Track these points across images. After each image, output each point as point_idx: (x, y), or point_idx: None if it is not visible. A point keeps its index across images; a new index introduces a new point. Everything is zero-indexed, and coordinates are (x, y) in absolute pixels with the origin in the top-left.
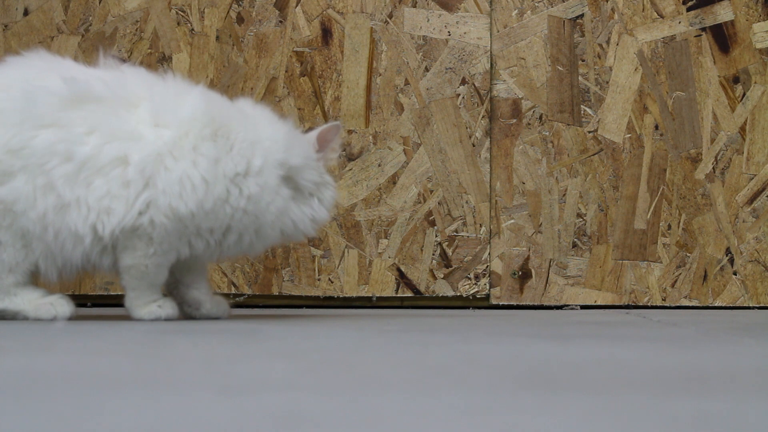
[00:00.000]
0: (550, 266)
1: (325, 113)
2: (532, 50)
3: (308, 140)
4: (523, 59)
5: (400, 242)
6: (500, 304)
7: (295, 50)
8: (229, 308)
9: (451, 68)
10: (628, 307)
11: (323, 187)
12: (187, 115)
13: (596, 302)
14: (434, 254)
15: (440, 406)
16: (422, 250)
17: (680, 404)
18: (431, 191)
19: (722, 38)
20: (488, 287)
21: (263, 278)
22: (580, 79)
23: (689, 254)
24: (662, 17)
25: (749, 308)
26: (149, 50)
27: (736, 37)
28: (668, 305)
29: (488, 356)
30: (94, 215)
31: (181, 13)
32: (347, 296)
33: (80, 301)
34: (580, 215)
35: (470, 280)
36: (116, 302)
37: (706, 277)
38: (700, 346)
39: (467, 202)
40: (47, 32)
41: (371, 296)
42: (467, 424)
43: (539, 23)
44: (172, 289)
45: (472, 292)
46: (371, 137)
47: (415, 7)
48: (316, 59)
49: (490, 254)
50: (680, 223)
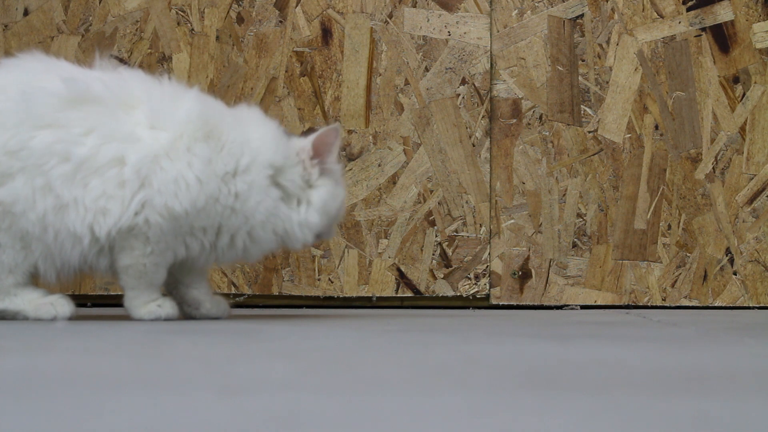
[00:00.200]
0: (550, 266)
1: (325, 113)
2: (532, 50)
3: (296, 143)
4: (523, 59)
5: (400, 242)
6: (500, 304)
7: (295, 50)
8: (228, 308)
9: (451, 68)
10: (628, 307)
11: (313, 190)
12: (182, 117)
13: (596, 302)
14: (434, 254)
15: (440, 406)
16: (422, 250)
17: (680, 404)
18: (431, 191)
19: (722, 38)
20: (488, 287)
21: (263, 278)
22: (580, 79)
23: (689, 254)
24: (662, 17)
25: (749, 308)
26: (149, 50)
27: (736, 37)
28: (668, 305)
29: (488, 356)
30: (90, 216)
31: (181, 13)
32: (347, 296)
33: (80, 301)
34: (580, 215)
35: (470, 280)
36: (116, 302)
37: (706, 277)
38: (700, 346)
39: (467, 202)
40: (47, 32)
41: (371, 296)
42: (467, 424)
43: (539, 23)
44: (171, 288)
45: (472, 292)
46: (371, 137)
47: (415, 7)
48: (316, 59)
49: (490, 254)
50: (680, 223)
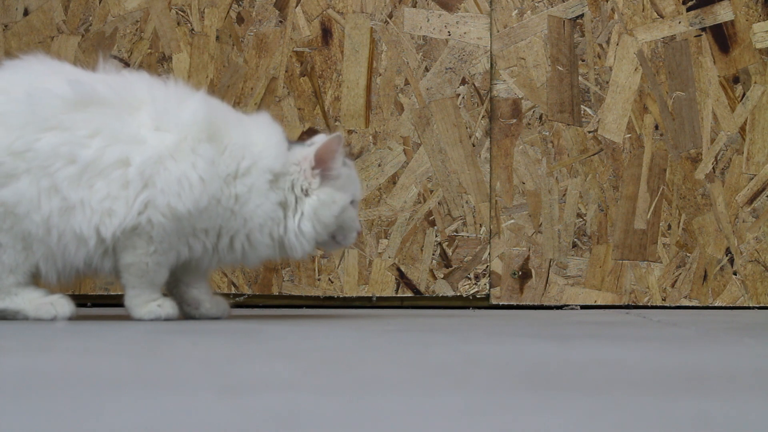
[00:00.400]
0: (550, 266)
1: (325, 113)
2: (532, 50)
3: (299, 151)
4: (523, 59)
5: (400, 242)
6: (500, 304)
7: (295, 50)
8: (228, 308)
9: (451, 68)
10: (628, 307)
11: (307, 199)
12: (187, 119)
13: (596, 302)
14: (434, 254)
15: (440, 406)
16: (422, 250)
17: (680, 404)
18: (431, 191)
19: (722, 38)
20: (488, 287)
21: (263, 278)
22: (580, 79)
23: (689, 254)
24: (662, 17)
25: (749, 308)
26: (149, 50)
27: (736, 37)
28: (668, 305)
29: (488, 356)
30: (97, 217)
31: (181, 13)
32: (347, 296)
33: (80, 301)
34: (580, 215)
35: (470, 280)
36: (116, 302)
37: (706, 277)
38: (700, 346)
39: (467, 202)
40: (47, 32)
41: (371, 296)
42: (467, 424)
43: (539, 23)
44: (172, 288)
45: (472, 292)
46: (371, 137)
47: (415, 7)
48: (316, 59)
49: (490, 254)
50: (680, 223)
